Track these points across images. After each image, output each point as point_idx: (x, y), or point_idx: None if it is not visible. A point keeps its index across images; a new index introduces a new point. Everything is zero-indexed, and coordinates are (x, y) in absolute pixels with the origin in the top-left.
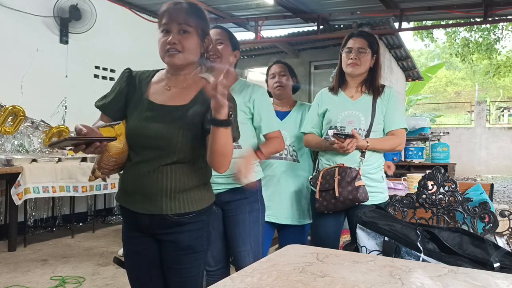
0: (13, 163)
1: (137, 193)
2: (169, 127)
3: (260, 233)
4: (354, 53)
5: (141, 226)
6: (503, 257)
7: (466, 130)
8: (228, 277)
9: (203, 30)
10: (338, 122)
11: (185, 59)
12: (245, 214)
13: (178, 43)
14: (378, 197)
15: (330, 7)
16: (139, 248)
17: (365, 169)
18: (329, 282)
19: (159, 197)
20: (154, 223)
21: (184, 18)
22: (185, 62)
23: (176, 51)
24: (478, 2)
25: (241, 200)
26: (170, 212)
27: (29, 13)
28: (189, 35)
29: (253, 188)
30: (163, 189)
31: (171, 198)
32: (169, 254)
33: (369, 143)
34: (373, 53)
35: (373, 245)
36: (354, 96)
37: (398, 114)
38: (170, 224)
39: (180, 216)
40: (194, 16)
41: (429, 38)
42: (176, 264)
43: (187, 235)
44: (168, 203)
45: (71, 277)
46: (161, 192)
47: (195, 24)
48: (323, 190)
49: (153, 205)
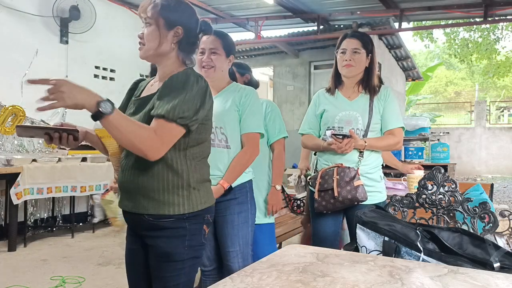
0: (13, 163)
1: (122, 190)
2: (137, 119)
3: (249, 234)
4: (349, 54)
5: (129, 224)
6: (503, 257)
7: (466, 130)
8: (228, 277)
9: (167, 21)
10: (335, 123)
11: (145, 51)
12: (234, 215)
13: (142, 36)
14: (376, 197)
15: (330, 7)
16: (133, 247)
17: (363, 169)
18: (329, 282)
19: (136, 195)
20: (135, 222)
21: (145, 11)
22: (145, 54)
23: (140, 45)
24: (478, 2)
25: (230, 201)
26: (146, 212)
27: (29, 13)
28: (149, 27)
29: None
30: (139, 186)
31: (147, 197)
32: (151, 258)
33: (366, 143)
34: (368, 52)
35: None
36: (351, 97)
37: (395, 113)
38: (147, 226)
39: (155, 219)
40: (156, 7)
41: (429, 38)
42: (156, 271)
43: (163, 241)
44: (144, 202)
45: (71, 277)
46: (137, 190)
47: (155, 15)
48: (322, 190)
49: (131, 202)
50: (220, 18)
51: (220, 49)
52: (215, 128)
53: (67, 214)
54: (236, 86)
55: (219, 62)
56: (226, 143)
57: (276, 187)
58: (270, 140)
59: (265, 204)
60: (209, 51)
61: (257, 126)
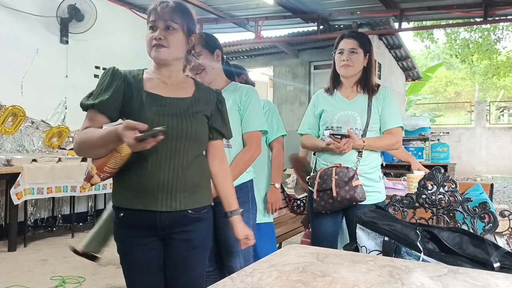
0: (13, 163)
1: (158, 191)
2: (183, 118)
3: None
4: (346, 54)
5: (158, 227)
6: (503, 257)
7: (466, 130)
8: (228, 277)
9: (188, 28)
10: (334, 123)
11: (170, 53)
12: None
13: (164, 38)
14: (375, 197)
15: (330, 7)
16: (149, 254)
17: (362, 169)
18: (329, 282)
19: (182, 192)
20: (173, 221)
21: (170, 16)
22: (170, 56)
23: (161, 46)
24: (478, 2)
25: None
26: (191, 207)
27: (29, 13)
28: (175, 31)
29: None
30: (186, 183)
31: (192, 192)
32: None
33: (365, 143)
34: (366, 52)
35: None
36: (349, 96)
37: (394, 112)
38: (188, 221)
39: (197, 212)
40: (180, 13)
41: (429, 39)
42: (188, 262)
43: (199, 233)
44: (189, 198)
45: (71, 277)
46: (183, 187)
47: (181, 21)
48: (320, 190)
49: (176, 201)
50: (220, 18)
51: (202, 49)
52: None
53: (67, 214)
54: (236, 85)
55: (207, 61)
56: (227, 142)
57: (275, 185)
58: (269, 138)
59: (263, 204)
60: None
61: (259, 124)
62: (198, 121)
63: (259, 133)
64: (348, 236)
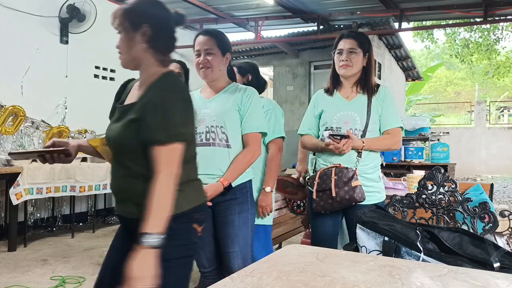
0: (13, 163)
1: (115, 195)
2: (118, 127)
3: (249, 234)
4: (345, 54)
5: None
6: (503, 257)
7: (466, 130)
8: (228, 277)
9: (132, 22)
10: (333, 123)
11: (122, 60)
12: (234, 215)
13: (118, 46)
14: (375, 197)
15: (330, 7)
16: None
17: (361, 169)
18: (329, 282)
19: (126, 200)
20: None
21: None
22: (123, 63)
23: (119, 55)
24: (478, 2)
25: (230, 201)
26: (135, 217)
27: (29, 13)
28: (120, 35)
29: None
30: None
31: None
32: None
33: (364, 143)
34: (365, 52)
35: (373, 245)
36: (349, 97)
37: (394, 113)
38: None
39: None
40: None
41: (429, 39)
42: None
43: None
44: (133, 207)
45: (71, 277)
46: (127, 196)
47: (121, 20)
48: (320, 190)
49: (126, 208)
50: (220, 18)
51: (215, 48)
52: (215, 128)
53: (67, 214)
54: (237, 86)
55: (216, 62)
56: (226, 142)
57: (266, 189)
58: (266, 140)
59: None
60: (204, 52)
61: (259, 126)
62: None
63: (258, 134)
64: (348, 237)
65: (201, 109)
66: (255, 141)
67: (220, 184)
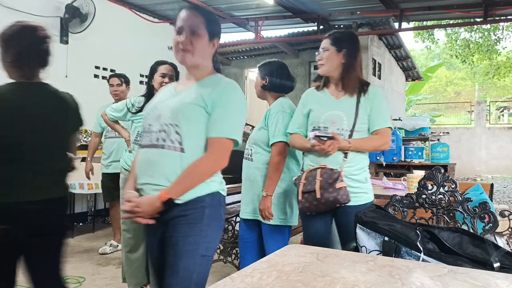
0: None
1: None
2: None
3: (195, 265)
4: (321, 53)
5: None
6: (503, 257)
7: (466, 130)
8: (228, 277)
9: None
10: (321, 123)
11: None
12: (177, 237)
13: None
14: (362, 198)
15: (330, 7)
16: None
17: (348, 170)
18: (329, 282)
19: None
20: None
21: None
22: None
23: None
24: (478, 2)
25: (178, 218)
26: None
27: (29, 13)
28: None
29: (197, 204)
30: None
31: None
32: None
33: (351, 144)
34: (339, 49)
35: (373, 245)
36: (337, 96)
37: (383, 113)
38: None
39: None
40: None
41: (430, 39)
42: None
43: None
44: None
45: (71, 277)
46: None
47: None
48: (305, 191)
49: None
50: (220, 18)
51: (202, 29)
52: (169, 126)
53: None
54: (215, 78)
55: (200, 45)
56: (180, 145)
57: (263, 193)
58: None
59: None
60: (188, 30)
61: (228, 130)
62: None
63: (226, 141)
64: (338, 236)
65: (163, 101)
66: (218, 147)
67: (156, 199)
